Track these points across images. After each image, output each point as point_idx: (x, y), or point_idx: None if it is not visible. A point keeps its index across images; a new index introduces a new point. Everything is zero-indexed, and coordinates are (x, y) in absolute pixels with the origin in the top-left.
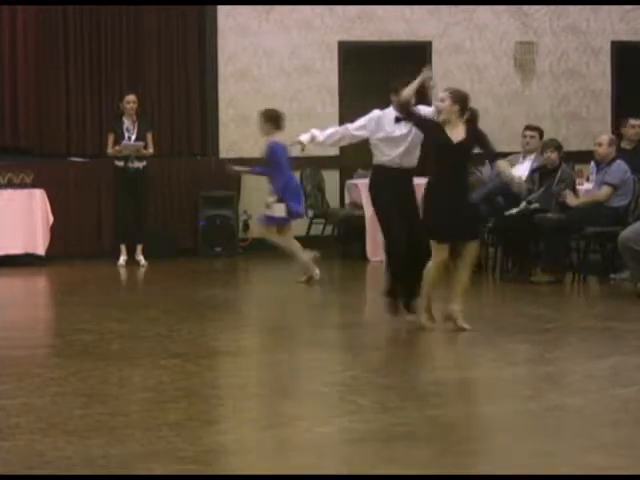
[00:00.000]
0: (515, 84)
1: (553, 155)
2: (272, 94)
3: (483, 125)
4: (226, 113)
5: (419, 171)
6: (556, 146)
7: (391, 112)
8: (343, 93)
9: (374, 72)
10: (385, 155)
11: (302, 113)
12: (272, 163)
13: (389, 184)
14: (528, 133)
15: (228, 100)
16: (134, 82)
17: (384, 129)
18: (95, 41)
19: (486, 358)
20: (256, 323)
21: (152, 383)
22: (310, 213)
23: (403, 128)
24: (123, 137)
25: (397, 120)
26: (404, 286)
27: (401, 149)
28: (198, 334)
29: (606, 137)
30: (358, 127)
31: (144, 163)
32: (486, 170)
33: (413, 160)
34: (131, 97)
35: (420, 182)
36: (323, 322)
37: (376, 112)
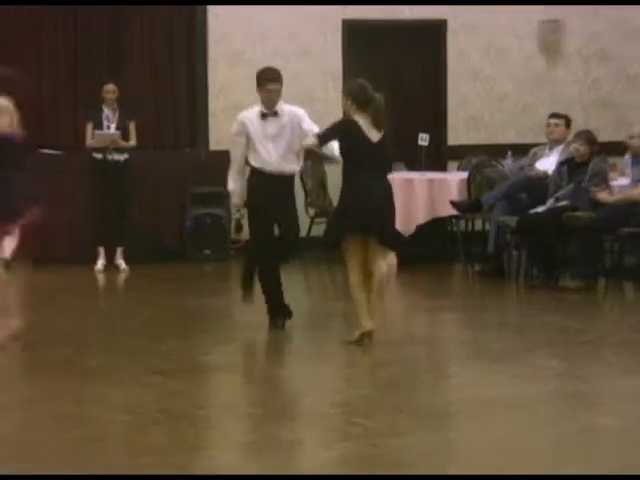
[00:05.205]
0: (539, 67)
1: (582, 148)
2: None
3: (502, 111)
4: (216, 102)
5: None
6: (589, 139)
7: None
8: (347, 77)
9: (382, 54)
10: None
11: (302, 100)
12: None
13: None
14: (552, 121)
15: (219, 87)
16: (114, 67)
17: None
18: (71, 22)
19: (509, 375)
20: (250, 335)
21: (133, 403)
22: (311, 212)
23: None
24: (102, 127)
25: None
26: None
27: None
28: (185, 347)
29: (639, 129)
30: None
31: (125, 156)
32: (508, 163)
33: None
34: (110, 87)
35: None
36: (325, 333)
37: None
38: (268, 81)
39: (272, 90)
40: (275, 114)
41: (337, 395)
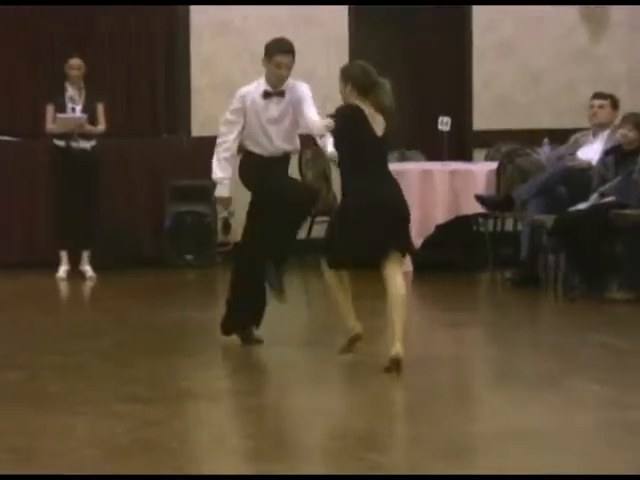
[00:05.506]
0: (581, 39)
1: (631, 134)
2: (261, 52)
3: (537, 91)
4: (200, 78)
5: None
6: (638, 123)
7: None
8: (354, 50)
9: (393, 23)
10: None
11: (302, 75)
12: None
13: None
14: (596, 102)
15: (203, 61)
16: (79, 40)
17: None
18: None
19: (544, 402)
20: (239, 356)
21: (102, 435)
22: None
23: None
24: (65, 109)
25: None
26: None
27: None
28: (163, 371)
29: None
30: None
31: (93, 143)
32: (545, 152)
33: None
34: (76, 62)
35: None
36: (327, 352)
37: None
38: (280, 52)
39: (283, 63)
40: (281, 94)
41: (342, 425)
